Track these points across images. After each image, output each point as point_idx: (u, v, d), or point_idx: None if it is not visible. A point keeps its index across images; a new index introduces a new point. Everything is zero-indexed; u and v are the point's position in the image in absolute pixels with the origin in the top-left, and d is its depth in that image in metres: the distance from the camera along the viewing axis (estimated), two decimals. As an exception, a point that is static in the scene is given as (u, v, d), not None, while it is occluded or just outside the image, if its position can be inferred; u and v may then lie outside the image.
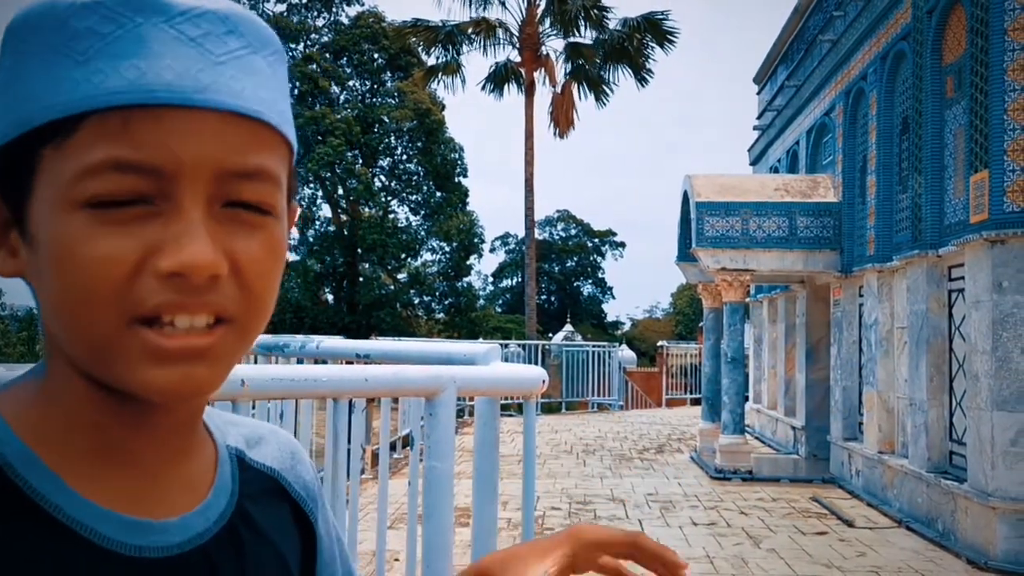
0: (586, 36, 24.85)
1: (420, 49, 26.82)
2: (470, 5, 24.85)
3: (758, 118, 17.96)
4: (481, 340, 23.66)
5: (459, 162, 35.26)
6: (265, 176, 0.66)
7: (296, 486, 0.83)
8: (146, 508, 0.68)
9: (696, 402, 21.61)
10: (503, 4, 24.86)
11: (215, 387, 0.66)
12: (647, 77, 24.75)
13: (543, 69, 24.64)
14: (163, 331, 0.62)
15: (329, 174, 33.07)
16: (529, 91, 24.56)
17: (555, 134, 24.98)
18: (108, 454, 0.68)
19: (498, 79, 25.19)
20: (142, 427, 0.69)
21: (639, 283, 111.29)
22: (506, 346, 18.38)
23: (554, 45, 24.83)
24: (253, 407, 3.38)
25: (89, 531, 0.65)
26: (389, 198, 35.18)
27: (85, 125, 0.61)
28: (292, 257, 35.70)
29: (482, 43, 24.90)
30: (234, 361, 0.67)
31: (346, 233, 34.55)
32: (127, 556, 0.65)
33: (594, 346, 22.11)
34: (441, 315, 36.98)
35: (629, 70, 24.71)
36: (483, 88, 25.41)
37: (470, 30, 24.59)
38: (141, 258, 0.61)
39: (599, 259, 61.55)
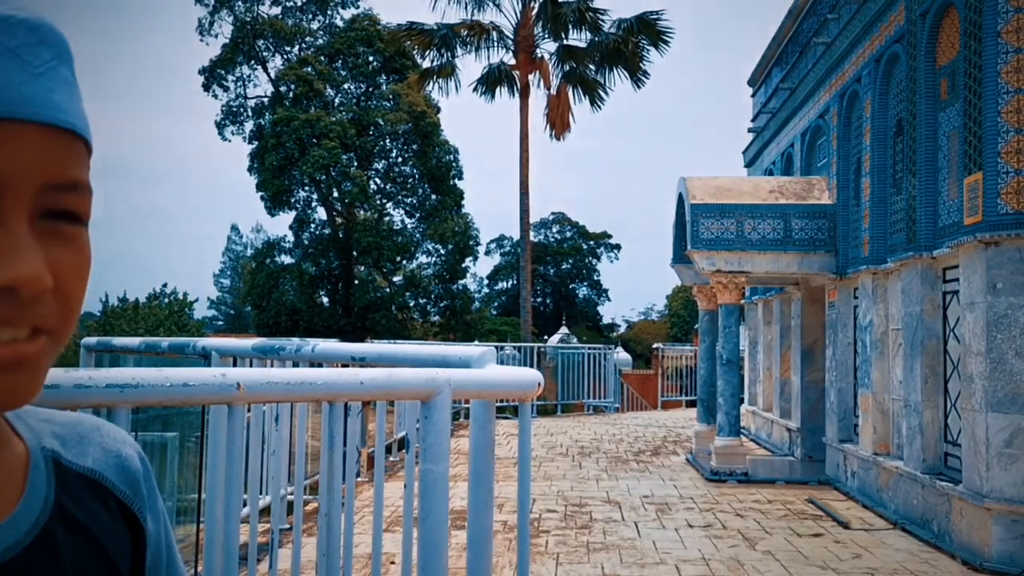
0: (580, 38, 24.90)
1: (415, 52, 26.85)
2: (465, 7, 24.89)
3: (752, 120, 17.98)
4: (476, 343, 23.66)
5: (454, 164, 35.27)
6: (81, 187, 0.65)
7: (121, 484, 0.79)
8: None
9: (691, 404, 21.64)
10: (498, 6, 24.90)
11: (32, 396, 0.64)
12: (643, 78, 24.79)
13: (538, 72, 24.67)
14: None
15: (324, 177, 33.06)
16: (524, 93, 24.58)
17: (551, 136, 25.01)
18: None
19: (491, 81, 25.21)
20: None
21: (634, 285, 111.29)
22: (501, 348, 18.38)
23: (549, 47, 24.80)
24: (248, 410, 3.38)
25: None
26: (384, 201, 35.17)
27: None
28: (287, 260, 35.68)
29: (476, 46, 24.92)
30: (47, 370, 0.66)
31: (341, 236, 34.54)
32: None
33: (589, 348, 22.12)
34: (436, 318, 36.98)
35: (625, 72, 24.74)
36: (475, 90, 25.44)
37: (464, 33, 24.60)
38: None
39: (594, 261, 61.62)
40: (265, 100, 36.86)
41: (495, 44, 25.06)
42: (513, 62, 24.81)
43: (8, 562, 0.66)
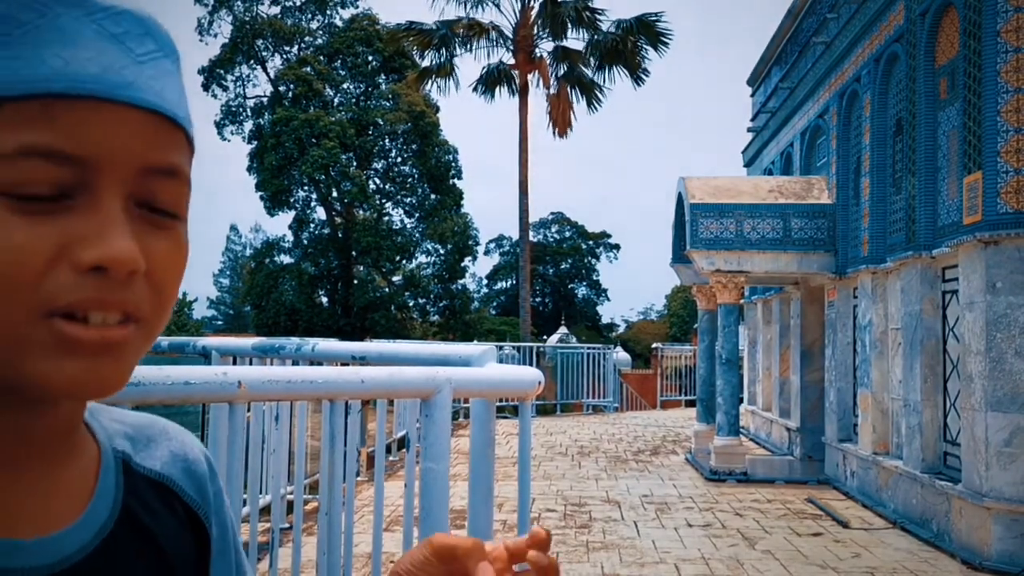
0: (579, 38, 24.91)
1: (414, 52, 26.85)
2: (464, 5, 24.89)
3: (752, 120, 17.99)
4: (476, 342, 23.64)
5: (453, 164, 35.28)
6: (180, 176, 0.65)
7: (188, 489, 0.79)
8: (13, 526, 0.64)
9: (691, 404, 21.64)
10: (497, 6, 24.90)
11: (120, 386, 0.63)
12: (643, 77, 24.79)
13: (537, 71, 24.67)
14: (77, 324, 0.60)
15: (323, 177, 33.06)
16: (523, 93, 24.58)
17: (554, 134, 25.00)
18: None
19: (490, 81, 25.20)
20: (19, 433, 0.65)
21: (633, 285, 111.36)
22: (501, 348, 18.38)
23: (548, 47, 24.81)
24: (248, 409, 3.38)
25: None
26: (383, 200, 35.18)
27: (2, 110, 0.59)
28: (286, 260, 35.68)
29: (475, 45, 24.92)
30: (136, 361, 0.65)
31: (340, 236, 34.55)
32: None
33: (589, 348, 22.11)
34: (436, 317, 36.99)
35: (624, 71, 24.74)
36: (474, 90, 25.43)
37: (463, 32, 24.60)
38: (57, 250, 0.59)
39: (594, 261, 61.63)
40: (264, 100, 36.86)
41: (494, 44, 25.06)
42: (512, 62, 24.81)
43: (74, 566, 0.66)
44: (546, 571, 0.71)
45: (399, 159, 35.42)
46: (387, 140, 34.79)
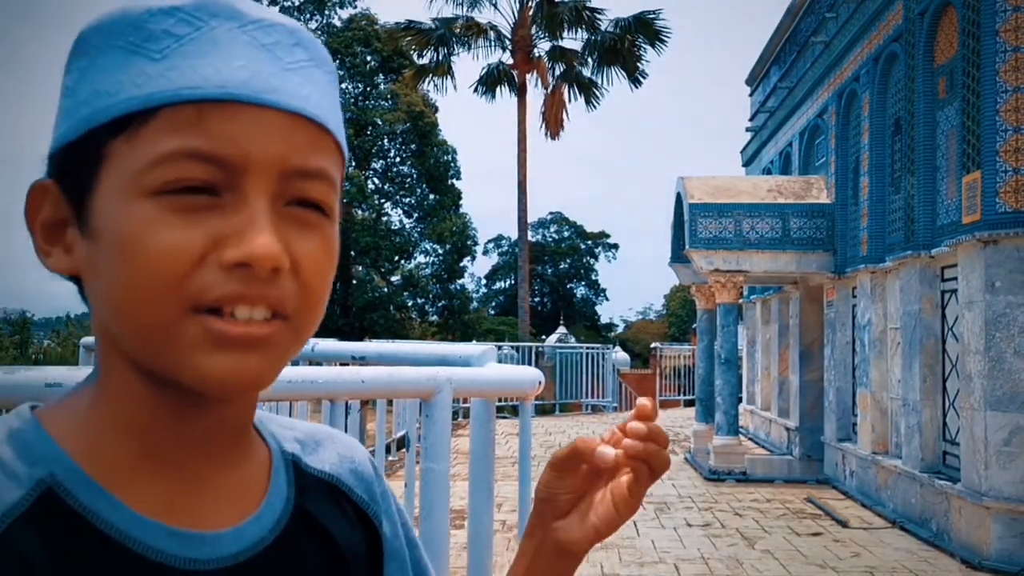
0: (577, 38, 24.91)
1: (413, 52, 26.83)
2: (462, 6, 24.88)
3: (751, 120, 17.99)
4: (475, 342, 23.63)
5: (452, 164, 35.26)
6: (325, 178, 0.68)
7: (357, 489, 0.82)
8: (197, 519, 0.68)
9: (690, 404, 21.63)
10: (495, 6, 24.89)
11: (268, 381, 0.66)
12: (640, 78, 24.79)
13: (535, 71, 24.66)
14: (223, 319, 0.63)
15: (322, 177, 33.00)
16: (521, 93, 24.58)
17: (546, 135, 25.01)
18: (157, 463, 0.68)
19: (490, 81, 25.20)
20: (191, 428, 0.69)
21: (632, 285, 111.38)
22: (500, 348, 18.37)
23: (546, 47, 24.83)
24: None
25: (142, 546, 0.64)
26: (382, 200, 35.15)
27: (159, 116, 0.63)
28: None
29: (474, 45, 24.92)
30: (287, 359, 0.68)
31: (339, 235, 34.53)
32: (181, 570, 0.65)
33: (587, 348, 22.11)
34: (435, 317, 36.96)
35: (622, 71, 24.74)
36: (475, 90, 25.44)
37: (461, 32, 24.59)
38: (206, 248, 0.62)
39: (592, 261, 61.59)
40: (263, 100, 36.72)
41: (492, 44, 25.07)
42: (511, 62, 24.81)
43: (256, 556, 0.69)
44: (655, 436, 0.83)
45: (398, 159, 35.39)
46: (386, 140, 34.76)
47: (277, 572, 0.71)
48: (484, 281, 61.00)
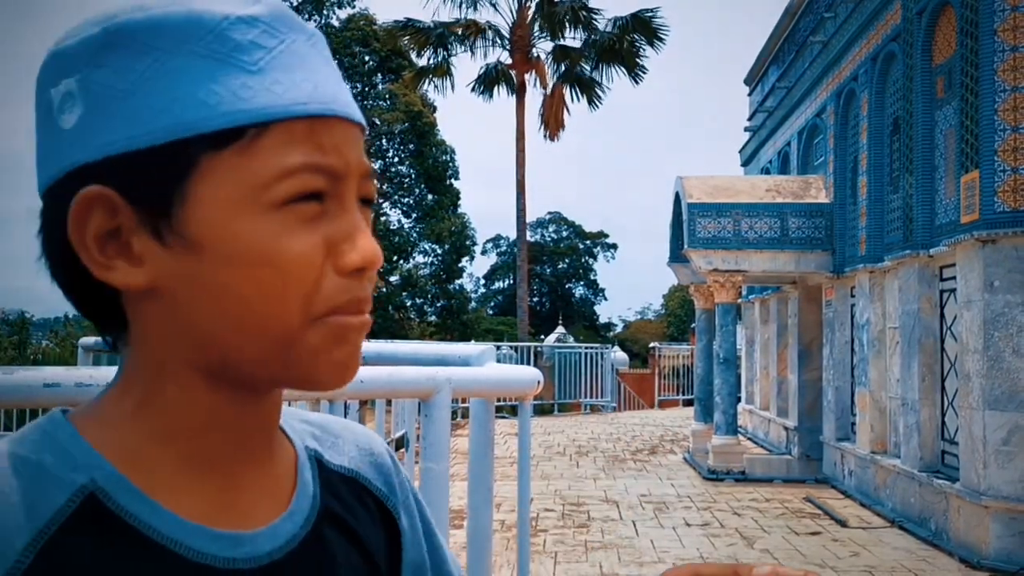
0: (576, 37, 24.90)
1: (411, 51, 26.83)
2: (460, 6, 24.87)
3: (749, 119, 17.99)
4: (473, 342, 23.61)
5: (451, 164, 35.26)
6: (374, 175, 0.73)
7: (376, 482, 0.83)
8: (235, 519, 0.70)
9: (688, 403, 21.62)
10: (493, 6, 24.89)
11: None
12: (640, 74, 24.79)
13: (534, 71, 24.66)
14: (348, 314, 0.67)
15: (320, 177, 33.02)
16: (520, 93, 24.57)
17: (545, 136, 25.00)
18: (200, 467, 0.69)
19: (488, 81, 25.19)
20: (237, 431, 0.71)
21: (631, 285, 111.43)
22: (498, 348, 18.37)
23: (545, 47, 24.85)
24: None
25: (183, 548, 0.66)
26: (381, 201, 35.14)
27: (274, 130, 0.64)
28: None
29: (472, 45, 24.92)
30: None
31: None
32: (221, 569, 0.67)
33: (586, 348, 22.11)
34: (433, 318, 36.94)
35: (622, 69, 24.74)
36: (473, 90, 25.42)
37: (460, 32, 24.59)
38: (325, 256, 0.66)
39: (591, 261, 61.60)
40: (261, 100, 36.71)
41: (491, 43, 25.06)
42: (509, 61, 24.81)
43: (290, 553, 0.71)
44: None
45: (396, 159, 35.40)
46: (384, 140, 34.76)
47: (310, 567, 0.72)
48: (483, 281, 61.02)
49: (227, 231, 0.64)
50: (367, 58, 34.31)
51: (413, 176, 35.07)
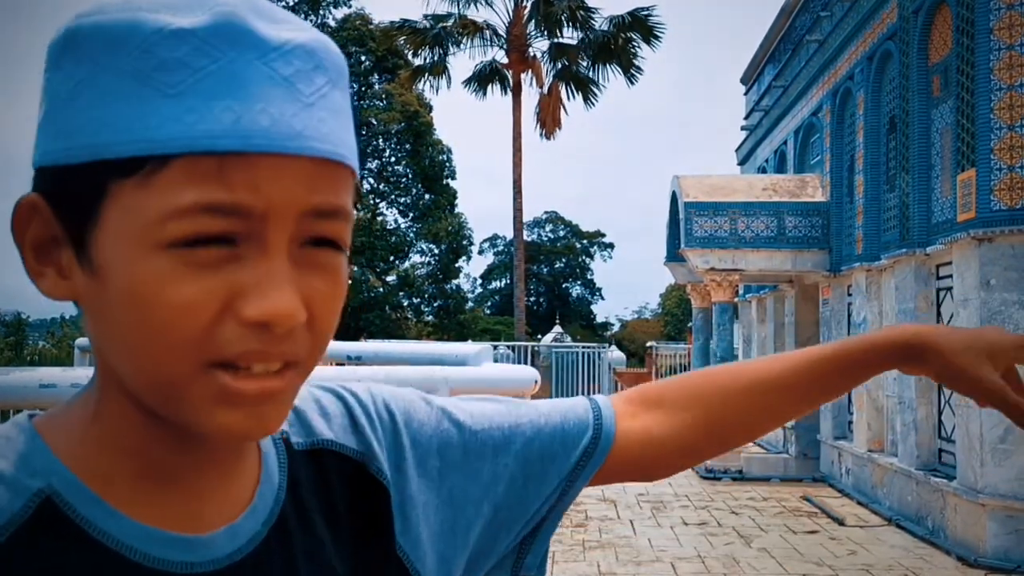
0: (572, 36, 24.89)
1: (408, 51, 26.83)
2: (457, 4, 24.86)
3: (745, 118, 18.01)
4: (470, 342, 23.58)
5: (447, 164, 35.25)
6: (343, 214, 0.65)
7: (351, 443, 0.79)
8: (193, 523, 0.67)
9: (686, 402, 21.59)
10: (489, 4, 24.88)
11: (279, 425, 0.64)
12: (636, 74, 24.80)
13: (531, 70, 24.66)
14: (238, 374, 0.61)
15: (317, 177, 32.99)
16: (516, 92, 24.56)
17: (541, 135, 25.00)
18: (153, 476, 0.67)
19: (482, 79, 25.19)
20: (191, 447, 0.67)
21: (628, 284, 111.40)
22: (495, 348, 18.37)
23: (541, 46, 24.87)
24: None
25: (137, 553, 0.64)
26: (378, 200, 35.15)
27: (174, 164, 0.58)
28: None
29: (469, 43, 24.92)
30: (294, 398, 0.66)
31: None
32: (178, 574, 0.65)
33: (583, 347, 22.11)
34: (430, 317, 36.94)
35: (618, 68, 24.75)
36: (467, 86, 25.42)
37: (457, 30, 24.58)
38: (224, 303, 0.60)
39: (588, 260, 61.59)
40: (258, 100, 36.65)
41: (488, 42, 25.06)
42: (506, 61, 24.80)
43: (251, 553, 0.68)
44: None
45: (393, 159, 35.38)
46: (381, 140, 34.74)
47: (270, 564, 0.69)
48: (479, 281, 61.00)
49: (121, 267, 0.60)
50: (363, 58, 34.29)
51: (410, 176, 35.07)
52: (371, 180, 35.21)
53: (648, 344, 27.76)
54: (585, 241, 61.54)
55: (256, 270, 0.60)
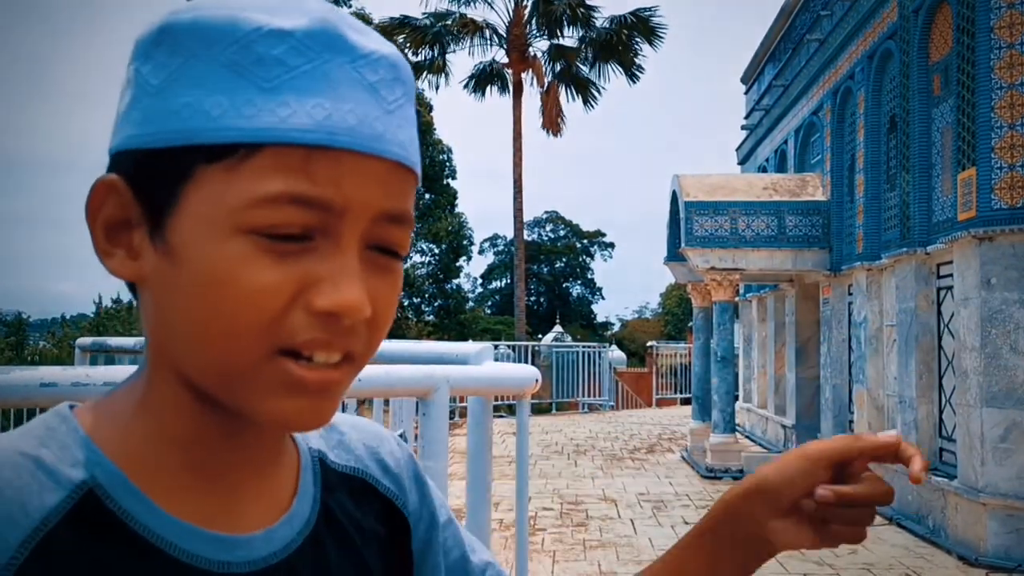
0: (573, 36, 24.89)
1: (407, 49, 26.82)
2: (456, 2, 24.85)
3: (746, 118, 18.00)
4: (471, 342, 23.55)
5: (447, 163, 35.22)
6: (407, 221, 0.69)
7: (384, 480, 0.82)
8: (231, 523, 0.69)
9: (686, 402, 21.65)
10: (489, 4, 24.87)
11: (330, 419, 0.67)
12: (637, 73, 24.80)
13: (531, 70, 24.65)
14: (302, 364, 0.63)
15: (317, 177, 32.99)
16: (517, 92, 24.56)
17: (547, 132, 24.99)
18: (197, 469, 0.69)
19: (482, 79, 25.19)
20: (235, 441, 0.70)
21: (628, 283, 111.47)
22: (496, 348, 18.36)
23: (541, 46, 24.88)
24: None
25: (177, 549, 0.65)
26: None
27: (265, 153, 0.62)
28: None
29: (470, 42, 24.91)
30: (344, 394, 0.69)
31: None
32: (214, 572, 0.66)
33: (584, 347, 22.12)
34: (431, 317, 36.91)
35: (619, 67, 24.74)
36: (466, 86, 25.41)
37: (457, 29, 24.57)
38: (296, 292, 0.62)
39: (588, 260, 61.64)
40: (257, 100, 36.63)
41: (488, 42, 25.05)
42: (506, 60, 24.80)
43: (284, 560, 0.70)
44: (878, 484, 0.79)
45: (393, 159, 35.38)
46: (380, 140, 34.76)
47: (304, 573, 0.71)
48: (480, 281, 61.03)
49: (200, 248, 0.62)
50: (363, 58, 34.30)
51: (410, 176, 35.05)
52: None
53: (648, 344, 27.75)
54: (585, 241, 61.58)
55: (330, 263, 0.63)
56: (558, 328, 32.59)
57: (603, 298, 70.86)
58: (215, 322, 0.62)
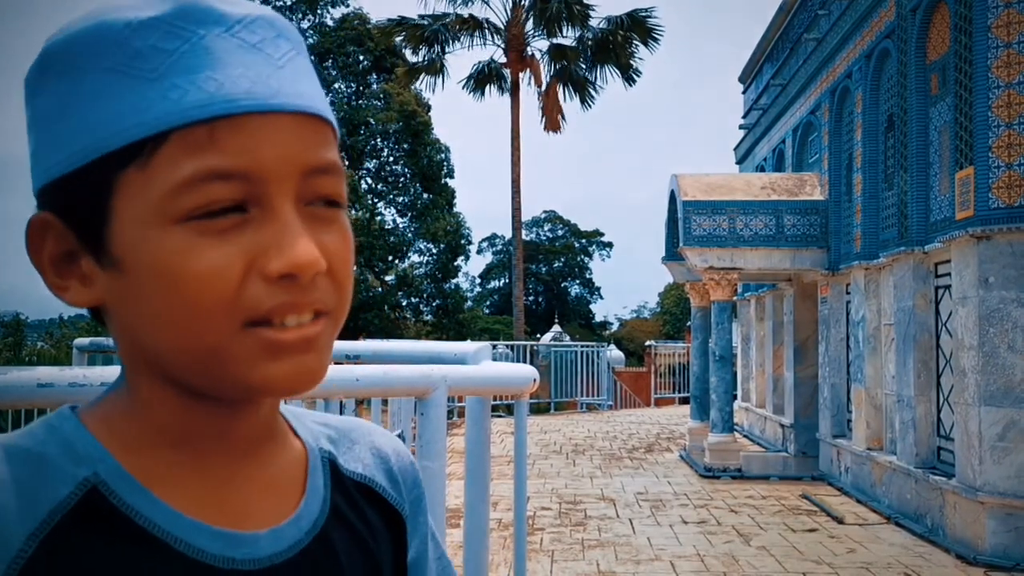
0: (569, 36, 24.88)
1: (406, 49, 26.81)
2: (454, 2, 24.83)
3: (744, 117, 18.00)
4: (469, 341, 23.52)
5: (445, 163, 35.21)
6: (335, 169, 0.68)
7: (391, 490, 0.83)
8: (236, 520, 0.70)
9: (684, 401, 21.64)
10: (486, 3, 24.86)
11: (322, 377, 0.68)
12: (634, 76, 24.79)
13: (528, 70, 24.64)
14: (277, 328, 0.64)
15: (315, 177, 32.92)
16: (515, 91, 24.55)
17: (546, 130, 24.97)
18: (195, 465, 0.69)
19: (480, 79, 25.18)
20: (227, 433, 0.70)
21: (627, 283, 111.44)
22: (494, 347, 18.36)
23: (539, 46, 24.88)
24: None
25: (184, 545, 0.66)
26: (376, 200, 35.12)
27: (169, 141, 0.62)
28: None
29: (469, 42, 24.90)
30: (331, 351, 0.69)
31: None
32: (220, 568, 0.67)
33: (582, 346, 22.12)
34: (429, 317, 36.90)
35: (616, 69, 24.73)
36: (464, 87, 25.40)
37: (455, 28, 24.56)
38: (246, 264, 0.63)
39: (586, 259, 61.62)
40: (256, 100, 36.59)
41: (486, 41, 25.04)
42: (504, 60, 24.79)
43: (290, 560, 0.70)
44: None
45: (391, 158, 35.33)
46: (379, 140, 34.70)
47: (312, 573, 0.72)
48: (478, 280, 61.01)
49: (141, 249, 0.63)
50: (361, 58, 34.27)
51: (408, 175, 35.03)
52: (369, 180, 35.18)
53: (647, 343, 27.76)
54: (584, 240, 61.57)
55: (271, 227, 0.64)
56: (556, 328, 32.55)
57: (601, 298, 70.85)
58: (178, 312, 0.63)
